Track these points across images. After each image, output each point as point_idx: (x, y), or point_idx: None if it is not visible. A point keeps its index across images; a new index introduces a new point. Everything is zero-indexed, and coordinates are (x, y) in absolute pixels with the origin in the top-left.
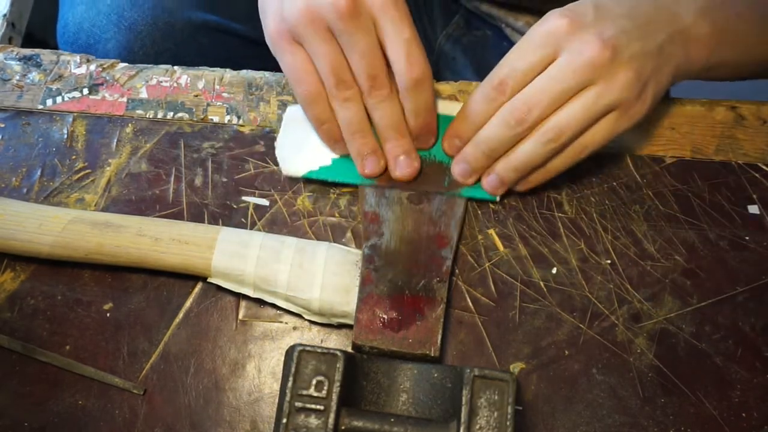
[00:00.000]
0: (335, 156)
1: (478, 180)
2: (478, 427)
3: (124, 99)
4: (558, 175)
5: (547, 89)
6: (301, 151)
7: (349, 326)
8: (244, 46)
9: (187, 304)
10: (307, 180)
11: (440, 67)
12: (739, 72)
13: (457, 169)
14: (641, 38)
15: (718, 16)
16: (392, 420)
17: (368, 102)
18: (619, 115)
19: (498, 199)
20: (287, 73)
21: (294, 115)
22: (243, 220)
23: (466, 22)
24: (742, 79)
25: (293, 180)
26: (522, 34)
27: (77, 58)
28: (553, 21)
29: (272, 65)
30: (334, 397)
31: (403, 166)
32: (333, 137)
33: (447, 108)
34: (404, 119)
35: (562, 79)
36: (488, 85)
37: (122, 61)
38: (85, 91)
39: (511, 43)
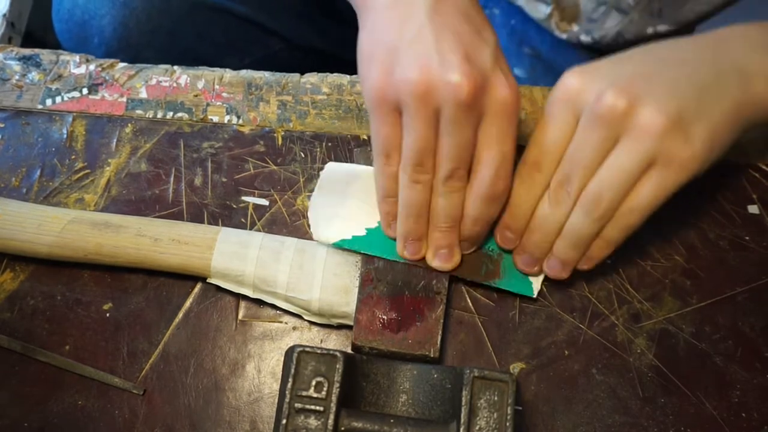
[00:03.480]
0: (370, 226)
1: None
2: (477, 427)
3: (124, 99)
4: (619, 245)
5: (576, 157)
6: (336, 217)
7: (349, 327)
8: (242, 27)
9: (187, 304)
10: (308, 181)
11: None
12: None
13: (520, 261)
14: (672, 79)
15: None
16: (392, 421)
17: (439, 188)
18: (662, 169)
19: (535, 294)
20: (374, 137)
21: (332, 175)
22: (243, 220)
23: None
24: None
25: (293, 180)
26: (539, 1)
27: (77, 57)
28: (565, 80)
29: (271, 49)
30: (334, 397)
31: (443, 259)
32: (392, 213)
33: None
34: (461, 216)
35: (585, 143)
36: (523, 168)
37: (117, 38)
38: (85, 90)
39: (521, 19)
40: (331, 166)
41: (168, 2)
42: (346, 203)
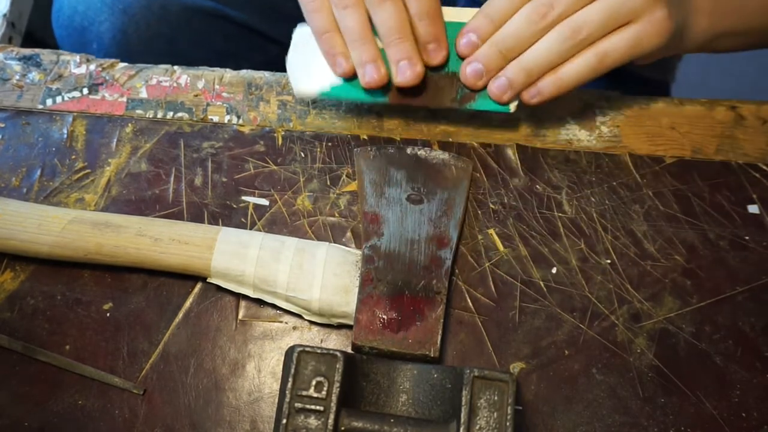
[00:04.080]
0: None
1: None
2: (477, 427)
3: (124, 99)
4: (573, 88)
5: None
6: (312, 69)
7: (349, 326)
8: (240, 34)
9: (187, 304)
10: (308, 181)
11: None
12: (743, 42)
13: (469, 68)
14: None
15: None
16: (392, 420)
17: (369, 4)
18: (641, 28)
19: (511, 109)
20: None
21: (304, 33)
22: (243, 220)
23: None
24: (747, 49)
25: (293, 180)
26: None
27: (77, 57)
28: None
29: (269, 55)
30: (334, 397)
31: (404, 71)
32: (333, 48)
33: (458, 15)
34: (408, 24)
35: None
36: None
37: (116, 44)
38: (85, 90)
39: None
40: (302, 26)
41: (166, 9)
42: (319, 57)
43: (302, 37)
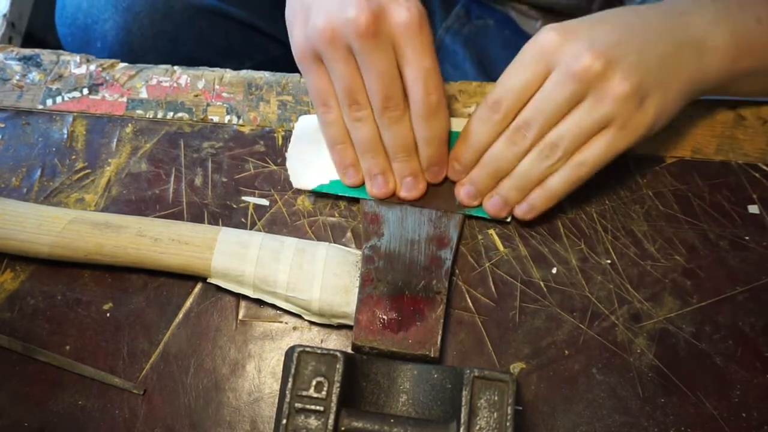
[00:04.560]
0: None
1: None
2: (478, 427)
3: (124, 99)
4: (562, 197)
5: (541, 106)
6: (313, 164)
7: (349, 327)
8: (243, 33)
9: (187, 304)
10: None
11: (440, 60)
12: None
13: (463, 191)
14: (640, 49)
15: (736, 22)
16: (392, 421)
17: (380, 122)
18: (616, 131)
19: (510, 219)
20: (309, 92)
21: (305, 126)
22: (243, 220)
23: (466, 12)
24: None
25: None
26: (528, 16)
27: (77, 58)
28: (544, 35)
29: (271, 54)
30: (334, 397)
31: (409, 187)
32: (343, 160)
33: (457, 125)
34: (414, 143)
35: (554, 95)
36: (484, 106)
37: (119, 43)
38: (85, 91)
39: (514, 29)
40: (305, 119)
41: (170, 7)
42: (321, 151)
43: (303, 131)
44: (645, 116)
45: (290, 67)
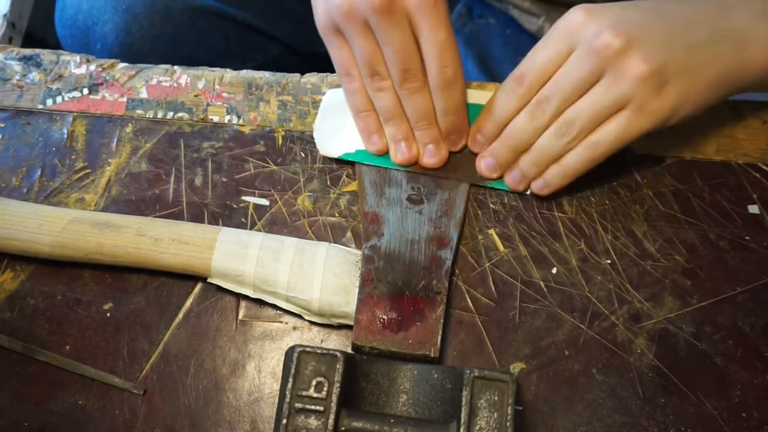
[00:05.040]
0: None
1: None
2: (478, 427)
3: (124, 99)
4: (577, 176)
5: (561, 81)
6: (339, 134)
7: (349, 327)
8: (243, 33)
9: (187, 304)
10: (308, 181)
11: None
12: None
13: (483, 163)
14: (668, 33)
15: None
16: (392, 421)
17: (400, 93)
18: (632, 114)
19: (528, 192)
20: (334, 63)
21: (332, 99)
22: (243, 220)
23: (468, 11)
24: None
25: (293, 180)
26: (530, 14)
27: (77, 57)
28: (571, 14)
29: (272, 54)
30: (334, 398)
31: (432, 153)
32: (368, 127)
33: (476, 97)
34: (434, 112)
35: (573, 71)
36: (509, 80)
37: (119, 44)
38: (85, 90)
39: (516, 29)
40: (332, 92)
41: (170, 9)
42: (347, 121)
43: (330, 103)
44: (663, 102)
45: (291, 67)
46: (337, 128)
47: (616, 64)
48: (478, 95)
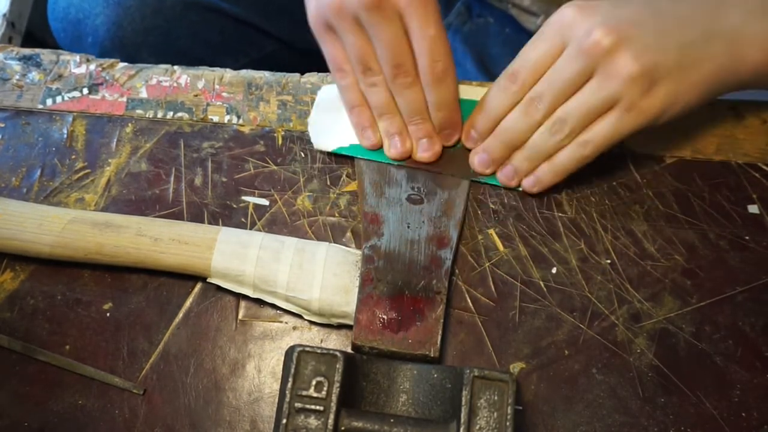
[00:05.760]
0: None
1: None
2: (477, 427)
3: (124, 99)
4: (568, 174)
5: (553, 79)
6: (333, 129)
7: (349, 326)
8: (238, 28)
9: (187, 304)
10: (308, 181)
11: None
12: None
13: (477, 159)
14: (660, 32)
15: None
16: (392, 420)
17: (393, 88)
18: (622, 113)
19: (520, 188)
20: (326, 59)
21: (327, 95)
22: (243, 220)
23: (467, 9)
24: None
25: (293, 180)
26: (530, 13)
27: (77, 57)
28: (563, 11)
29: (267, 50)
30: (334, 397)
31: (425, 148)
32: (361, 122)
33: (471, 93)
34: (426, 107)
35: (564, 70)
36: (503, 77)
37: (110, 38)
38: (85, 90)
39: (515, 28)
40: (326, 89)
41: (162, 2)
42: (341, 116)
43: (325, 99)
44: (653, 101)
45: (287, 64)
46: (331, 123)
47: (606, 63)
48: (472, 91)
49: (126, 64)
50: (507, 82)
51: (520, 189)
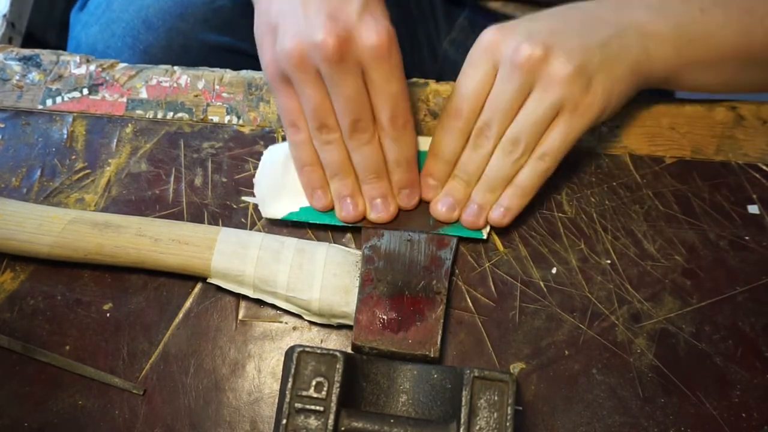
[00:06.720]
0: None
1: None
2: (477, 427)
3: (124, 99)
4: (534, 193)
5: (495, 104)
6: (281, 192)
7: (349, 327)
8: (257, 68)
9: (187, 304)
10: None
11: (445, 72)
12: (717, 78)
13: (440, 205)
14: (579, 34)
15: (677, 11)
16: (392, 421)
17: (349, 145)
18: (569, 115)
19: (484, 235)
20: (279, 111)
21: (274, 154)
22: (243, 220)
23: (470, 23)
24: (725, 90)
25: None
26: None
27: (77, 58)
28: (484, 36)
29: None
30: (334, 398)
31: (379, 209)
32: (311, 182)
33: (425, 144)
34: (384, 164)
35: (504, 90)
36: (445, 117)
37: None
38: (85, 91)
39: None
40: (273, 148)
41: (186, 48)
42: (288, 178)
43: (272, 159)
44: (594, 97)
45: None
46: (279, 187)
47: (542, 72)
48: (425, 142)
49: (126, 64)
50: (452, 121)
51: (483, 235)
